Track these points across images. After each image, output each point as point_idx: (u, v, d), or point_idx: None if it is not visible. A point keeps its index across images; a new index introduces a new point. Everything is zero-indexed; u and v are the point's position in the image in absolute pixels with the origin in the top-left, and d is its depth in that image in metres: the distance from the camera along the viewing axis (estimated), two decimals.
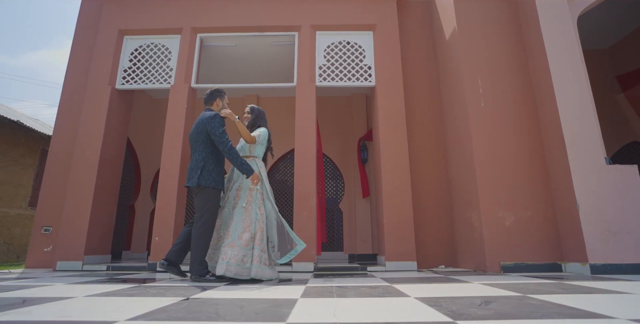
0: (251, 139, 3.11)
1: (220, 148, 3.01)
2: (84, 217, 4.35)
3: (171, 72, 4.95)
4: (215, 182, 2.98)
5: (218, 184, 2.98)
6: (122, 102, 5.08)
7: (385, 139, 4.46)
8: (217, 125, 3.02)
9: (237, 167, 3.03)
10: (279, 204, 6.66)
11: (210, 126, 3.02)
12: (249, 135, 3.12)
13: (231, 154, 3.02)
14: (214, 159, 3.05)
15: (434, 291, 2.17)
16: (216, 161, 3.06)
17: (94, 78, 4.90)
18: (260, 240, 2.91)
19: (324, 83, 4.76)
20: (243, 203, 3.02)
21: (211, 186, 2.96)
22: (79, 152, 4.60)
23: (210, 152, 3.06)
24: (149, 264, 4.15)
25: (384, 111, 4.55)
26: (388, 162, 4.38)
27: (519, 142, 3.75)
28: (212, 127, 3.01)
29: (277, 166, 6.91)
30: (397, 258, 4.07)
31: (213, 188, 2.98)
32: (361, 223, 6.35)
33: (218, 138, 2.99)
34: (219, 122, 3.04)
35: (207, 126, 3.04)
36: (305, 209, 4.21)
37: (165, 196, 4.35)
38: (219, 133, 2.99)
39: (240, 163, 3.03)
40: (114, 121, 4.90)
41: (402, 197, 4.25)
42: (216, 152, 3.08)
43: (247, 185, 3.08)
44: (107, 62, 4.94)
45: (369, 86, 4.80)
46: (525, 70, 3.96)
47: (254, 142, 3.14)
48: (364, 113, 6.80)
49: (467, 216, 3.92)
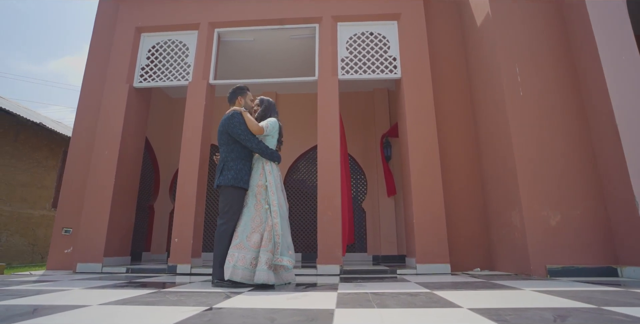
0: (258, 129, 2.91)
1: (249, 146, 2.86)
2: (102, 219, 4.26)
3: (189, 68, 4.81)
4: (234, 179, 2.79)
5: (237, 181, 2.79)
6: (140, 100, 4.99)
7: (413, 134, 4.19)
8: (237, 124, 2.86)
9: (268, 158, 2.91)
10: (297, 205, 6.46)
11: (230, 127, 2.87)
12: (256, 125, 2.92)
13: (260, 149, 2.88)
14: (233, 157, 2.88)
15: (486, 299, 1.91)
16: (235, 158, 2.88)
17: (112, 77, 4.81)
18: (268, 240, 2.69)
19: (347, 76, 4.53)
20: (254, 201, 2.83)
21: (229, 184, 2.78)
22: (97, 152, 4.52)
23: (230, 151, 2.90)
24: (168, 267, 4.01)
25: (411, 104, 4.29)
26: (417, 158, 4.12)
27: (564, 134, 3.43)
28: (232, 128, 2.86)
29: (297, 165, 6.71)
30: (429, 260, 3.80)
31: (231, 186, 2.80)
32: (385, 223, 6.08)
33: (243, 136, 2.85)
34: (238, 121, 2.87)
35: (227, 128, 2.89)
36: (330, 209, 3.99)
37: (183, 196, 4.21)
38: (240, 132, 2.84)
39: (270, 153, 2.92)
40: (132, 119, 4.80)
41: (433, 195, 3.98)
42: (236, 150, 2.90)
43: (255, 182, 2.88)
44: (125, 60, 4.85)
45: (394, 78, 4.55)
46: (568, 55, 3.63)
47: (261, 133, 2.93)
48: (386, 108, 6.54)
49: (506, 215, 3.62)
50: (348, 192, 4.39)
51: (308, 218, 6.37)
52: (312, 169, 6.68)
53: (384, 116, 6.51)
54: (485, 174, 4.14)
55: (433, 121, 4.22)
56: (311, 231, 6.30)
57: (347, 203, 4.31)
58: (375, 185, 6.30)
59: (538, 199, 3.29)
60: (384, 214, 6.13)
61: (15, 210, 7.54)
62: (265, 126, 2.94)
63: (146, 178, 6.35)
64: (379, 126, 6.46)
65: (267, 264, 2.61)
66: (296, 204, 6.45)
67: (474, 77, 4.44)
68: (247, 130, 2.86)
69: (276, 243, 2.69)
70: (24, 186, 7.75)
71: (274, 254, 2.66)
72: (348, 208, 4.32)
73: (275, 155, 2.94)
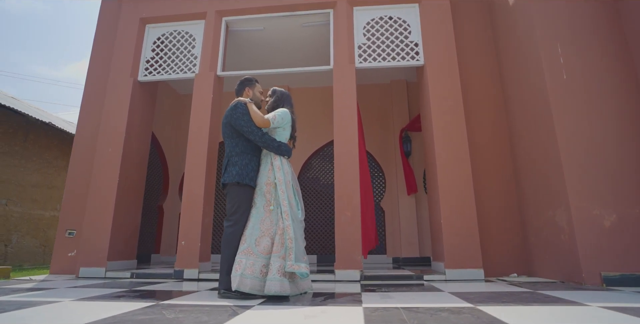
0: (263, 121, 2.56)
1: (252, 139, 2.54)
2: (106, 221, 4.01)
3: (195, 60, 4.53)
4: (239, 175, 2.47)
5: (242, 178, 2.47)
6: (145, 95, 4.73)
7: (439, 126, 3.80)
8: (239, 115, 2.54)
9: (275, 152, 2.58)
10: (312, 204, 6.13)
11: (233, 119, 2.56)
12: (261, 117, 2.57)
13: (264, 142, 2.55)
14: (238, 152, 2.56)
15: (550, 321, 1.54)
16: (240, 153, 2.56)
17: (116, 70, 4.57)
18: (279, 245, 2.36)
19: (365, 64, 4.17)
20: (263, 201, 2.50)
21: (234, 181, 2.47)
22: (100, 149, 4.28)
23: (234, 145, 2.59)
24: (175, 272, 3.73)
25: (436, 93, 3.90)
26: (444, 152, 3.73)
27: (617, 121, 2.99)
28: (234, 119, 2.55)
29: (310, 162, 6.37)
30: (460, 265, 3.41)
31: (236, 184, 2.48)
32: (406, 223, 5.70)
33: (246, 128, 2.52)
34: (242, 111, 2.55)
35: (230, 120, 2.58)
36: (348, 209, 3.64)
37: (191, 196, 3.93)
38: (243, 123, 2.53)
39: (277, 146, 2.58)
40: (137, 115, 4.54)
41: (462, 193, 3.59)
42: (241, 144, 2.59)
43: (263, 179, 2.55)
44: (129, 53, 4.60)
45: (416, 65, 4.16)
46: (619, 31, 3.19)
47: (267, 126, 2.59)
48: (404, 101, 6.14)
49: (547, 214, 3.21)
50: (368, 190, 4.04)
51: (323, 218, 6.03)
52: (326, 167, 6.34)
53: (402, 109, 6.12)
54: (520, 168, 3.73)
55: (461, 111, 3.82)
56: (327, 232, 5.96)
57: (367, 202, 3.95)
58: (395, 182, 5.92)
59: (588, 196, 2.87)
60: (404, 214, 5.75)
61: (26, 211, 7.43)
62: (272, 117, 2.61)
63: (155, 178, 6.12)
64: (397, 119, 6.08)
65: (279, 272, 2.28)
66: (311, 203, 6.12)
67: (505, 61, 4.02)
68: (250, 121, 2.55)
69: (288, 247, 2.35)
70: (34, 186, 7.63)
71: (287, 260, 2.33)
72: (369, 208, 3.97)
73: (284, 148, 2.60)
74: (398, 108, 6.12)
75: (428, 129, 4.04)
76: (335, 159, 3.83)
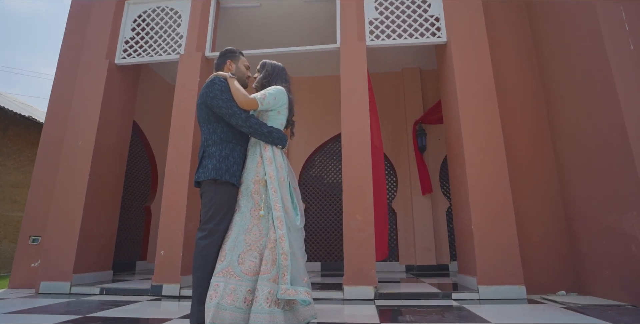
0: (248, 101, 1.95)
1: (234, 123, 1.94)
2: (73, 226, 3.41)
3: (181, 40, 3.93)
4: (217, 170, 1.88)
5: (221, 173, 1.88)
6: (124, 81, 4.13)
7: (467, 115, 3.18)
8: (218, 92, 1.95)
9: (265, 140, 1.99)
10: (314, 205, 5.51)
11: (209, 97, 1.96)
12: (244, 96, 1.97)
13: (250, 126, 1.95)
14: (216, 140, 1.97)
15: None
16: (219, 141, 1.96)
17: (89, 52, 3.97)
18: (270, 263, 1.76)
19: (377, 42, 3.55)
20: (250, 204, 1.91)
21: (210, 177, 1.87)
22: (69, 143, 3.68)
23: (212, 131, 2.00)
24: (152, 287, 3.13)
25: (463, 75, 3.28)
26: (473, 146, 3.11)
27: None
28: (212, 98, 1.96)
29: (312, 160, 5.75)
30: (496, 281, 2.79)
31: (213, 181, 1.89)
32: (421, 227, 5.08)
33: (225, 110, 1.93)
34: (220, 88, 1.95)
35: (205, 99, 1.99)
36: (359, 212, 3.02)
37: (172, 196, 3.32)
38: (222, 103, 1.93)
39: (267, 133, 1.98)
40: (113, 103, 3.94)
41: (497, 194, 2.97)
42: (220, 130, 1.99)
43: (250, 176, 1.95)
44: (104, 32, 4.00)
45: (438, 42, 3.54)
46: None
47: (253, 107, 1.98)
48: (418, 91, 5.52)
49: (609, 219, 2.58)
50: (382, 189, 3.42)
51: (328, 219, 5.42)
52: (330, 164, 5.71)
53: (415, 99, 5.50)
54: (566, 163, 3.10)
55: (493, 96, 3.20)
56: (332, 235, 5.34)
57: (380, 204, 3.33)
58: (407, 181, 5.29)
59: None
60: (418, 216, 5.13)
61: (4, 213, 6.85)
62: (261, 97, 1.99)
63: (142, 176, 5.52)
64: (410, 111, 5.46)
65: (268, 301, 1.68)
66: (314, 203, 5.51)
67: (545, 33, 3.39)
68: (231, 101, 1.95)
69: (282, 266, 1.75)
70: (14, 186, 7.05)
71: (280, 282, 1.73)
72: (382, 211, 3.35)
73: (276, 135, 2.00)
74: (411, 99, 5.49)
75: (452, 119, 3.42)
76: (344, 154, 3.22)
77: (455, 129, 3.33)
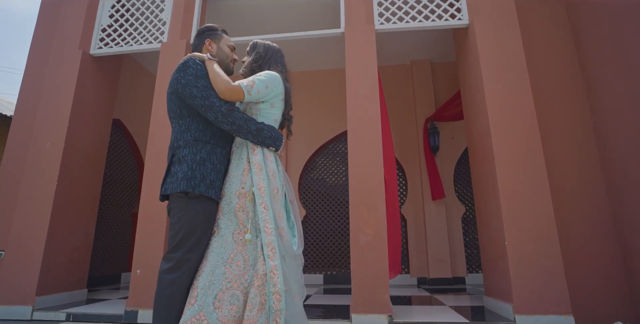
0: (229, 89, 1.47)
1: (212, 118, 1.47)
2: (37, 240, 2.95)
3: (164, 27, 3.46)
4: (188, 180, 1.41)
5: (194, 185, 1.41)
6: (102, 74, 3.66)
7: (495, 108, 2.70)
8: (191, 78, 1.48)
9: (253, 140, 1.52)
10: (314, 210, 5.03)
11: (181, 84, 1.49)
12: (225, 82, 1.48)
13: (233, 121, 1.48)
14: (189, 140, 1.50)
15: None
16: (192, 142, 1.49)
17: (60, 42, 3.51)
18: (257, 307, 1.29)
19: (388, 26, 3.07)
20: (233, 224, 1.45)
21: (180, 189, 1.40)
22: (36, 143, 3.22)
23: (184, 129, 1.52)
24: (126, 313, 2.66)
25: (490, 64, 2.80)
26: (504, 145, 2.63)
27: None
28: (184, 85, 1.48)
29: (314, 161, 5.27)
30: (538, 309, 2.31)
31: (183, 195, 1.42)
32: (434, 236, 4.59)
33: (201, 101, 1.46)
34: (194, 73, 1.49)
35: (176, 87, 1.51)
36: (369, 225, 2.55)
37: (151, 204, 2.86)
38: (197, 92, 1.46)
39: (255, 130, 1.51)
40: (88, 99, 3.48)
41: (536, 204, 2.49)
42: (194, 128, 1.52)
43: (233, 187, 1.48)
44: (78, 19, 3.54)
45: (458, 25, 3.06)
46: None
47: (238, 98, 1.49)
48: (429, 85, 5.04)
49: None
50: (394, 196, 2.93)
51: (331, 226, 4.94)
52: (333, 165, 5.23)
53: (426, 95, 5.01)
54: (615, 167, 2.62)
55: (527, 86, 2.72)
56: (335, 243, 4.86)
57: (393, 214, 2.85)
58: (418, 185, 4.81)
59: None
60: (431, 224, 4.64)
61: None
62: (248, 84, 1.51)
63: (128, 180, 5.06)
64: (420, 108, 4.97)
65: None
66: (314, 207, 5.03)
67: (587, 12, 2.91)
68: (208, 88, 1.47)
69: (273, 310, 1.29)
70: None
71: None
72: (395, 222, 2.86)
73: (267, 134, 1.52)
74: (421, 94, 5.01)
75: (477, 114, 2.94)
76: (350, 155, 2.74)
77: (481, 125, 2.85)
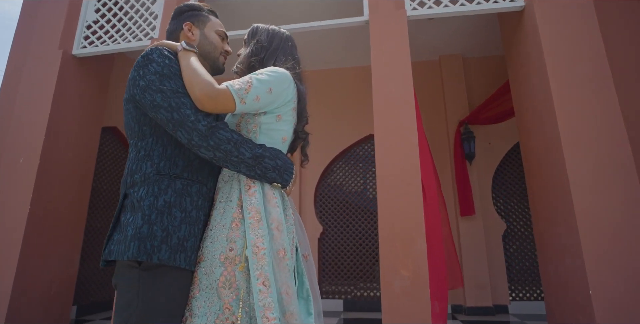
0: (212, 95, 0.94)
1: (184, 139, 0.94)
2: (6, 273, 2.48)
3: (155, 21, 2.98)
4: (142, 241, 0.90)
5: (153, 248, 0.89)
6: (87, 77, 3.20)
7: (568, 108, 2.10)
8: (153, 79, 0.95)
9: (249, 173, 0.98)
10: (330, 223, 4.46)
11: (138, 88, 0.96)
12: (206, 85, 0.94)
13: (216, 145, 0.95)
14: (150, 171, 0.97)
15: None
16: (155, 174, 0.96)
17: (38, 42, 3.08)
18: None
19: (422, 11, 2.50)
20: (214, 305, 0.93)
21: (128, 256, 0.88)
22: (7, 159, 2.77)
23: (143, 156, 0.99)
24: None
25: (556, 54, 2.20)
26: (581, 155, 2.03)
27: None
28: (142, 89, 0.95)
29: (331, 169, 4.71)
30: None
31: (133, 263, 0.91)
32: (471, 257, 3.98)
33: (166, 113, 0.94)
34: (158, 70, 0.96)
35: (133, 92, 0.98)
36: (405, 264, 1.98)
37: None
38: (160, 100, 0.93)
39: (250, 158, 0.97)
40: (70, 107, 3.02)
41: (630, 230, 1.88)
42: (158, 153, 0.98)
43: (218, 246, 0.95)
44: (59, 15, 3.10)
45: (510, 8, 2.47)
46: None
47: (226, 109, 0.97)
48: (461, 84, 4.43)
49: None
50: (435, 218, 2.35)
51: (349, 239, 4.37)
52: (352, 170, 4.67)
53: (458, 94, 4.41)
54: None
55: (609, 79, 2.11)
56: (355, 262, 4.29)
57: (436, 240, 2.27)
58: (451, 198, 4.20)
59: None
60: (467, 242, 4.03)
61: None
62: (241, 87, 0.98)
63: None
64: (451, 109, 4.37)
65: None
66: (331, 221, 4.47)
67: None
68: (178, 94, 0.94)
69: None
70: None
71: None
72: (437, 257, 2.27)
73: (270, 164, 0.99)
74: (452, 94, 4.40)
75: (540, 115, 2.34)
76: (379, 174, 2.18)
77: (546, 129, 2.24)
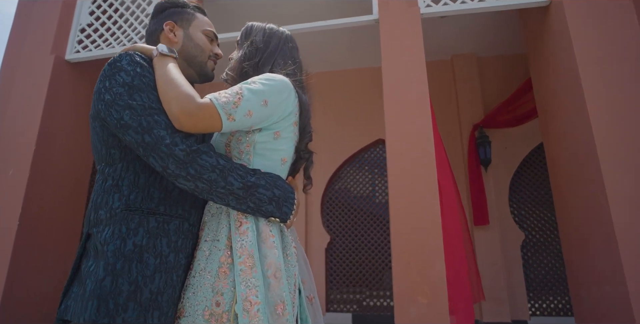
0: (188, 112, 0.74)
1: (157, 165, 0.74)
2: None
3: None
4: (103, 299, 0.70)
5: (116, 307, 0.70)
6: (82, 83, 3.05)
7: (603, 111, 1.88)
8: (122, 91, 0.75)
9: (239, 207, 0.78)
10: (338, 231, 4.26)
11: (104, 103, 0.77)
12: (180, 97, 0.75)
13: (195, 172, 0.75)
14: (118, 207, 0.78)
15: None
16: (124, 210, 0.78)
17: (30, 47, 2.94)
18: None
19: (438, 8, 2.30)
20: None
21: (84, 318, 0.71)
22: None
23: (110, 188, 0.79)
24: None
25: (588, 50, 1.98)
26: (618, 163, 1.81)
27: None
28: (107, 104, 0.76)
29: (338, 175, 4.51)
30: None
31: None
32: (486, 269, 3.75)
33: (134, 135, 0.75)
34: (127, 81, 0.76)
35: (98, 108, 0.79)
36: (423, 290, 1.77)
37: None
38: (129, 118, 0.73)
39: (240, 189, 0.77)
40: (64, 115, 2.87)
41: None
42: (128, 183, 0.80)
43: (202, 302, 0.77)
44: (52, 18, 2.96)
45: (535, 3, 2.26)
46: None
47: (210, 127, 0.79)
48: (476, 84, 4.21)
49: None
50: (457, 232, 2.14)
51: (359, 252, 4.16)
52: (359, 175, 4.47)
53: (472, 96, 4.19)
54: None
55: None
56: (364, 273, 4.07)
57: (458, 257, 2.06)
58: (466, 207, 3.96)
59: None
60: (482, 253, 3.81)
61: None
62: (229, 100, 0.79)
63: None
64: (464, 112, 4.16)
65: None
66: (338, 229, 4.27)
67: None
68: (153, 110, 0.75)
69: None
70: None
71: None
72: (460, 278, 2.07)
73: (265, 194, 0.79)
74: (466, 96, 4.18)
75: (569, 119, 2.12)
76: (391, 185, 1.98)
77: (578, 135, 2.02)
